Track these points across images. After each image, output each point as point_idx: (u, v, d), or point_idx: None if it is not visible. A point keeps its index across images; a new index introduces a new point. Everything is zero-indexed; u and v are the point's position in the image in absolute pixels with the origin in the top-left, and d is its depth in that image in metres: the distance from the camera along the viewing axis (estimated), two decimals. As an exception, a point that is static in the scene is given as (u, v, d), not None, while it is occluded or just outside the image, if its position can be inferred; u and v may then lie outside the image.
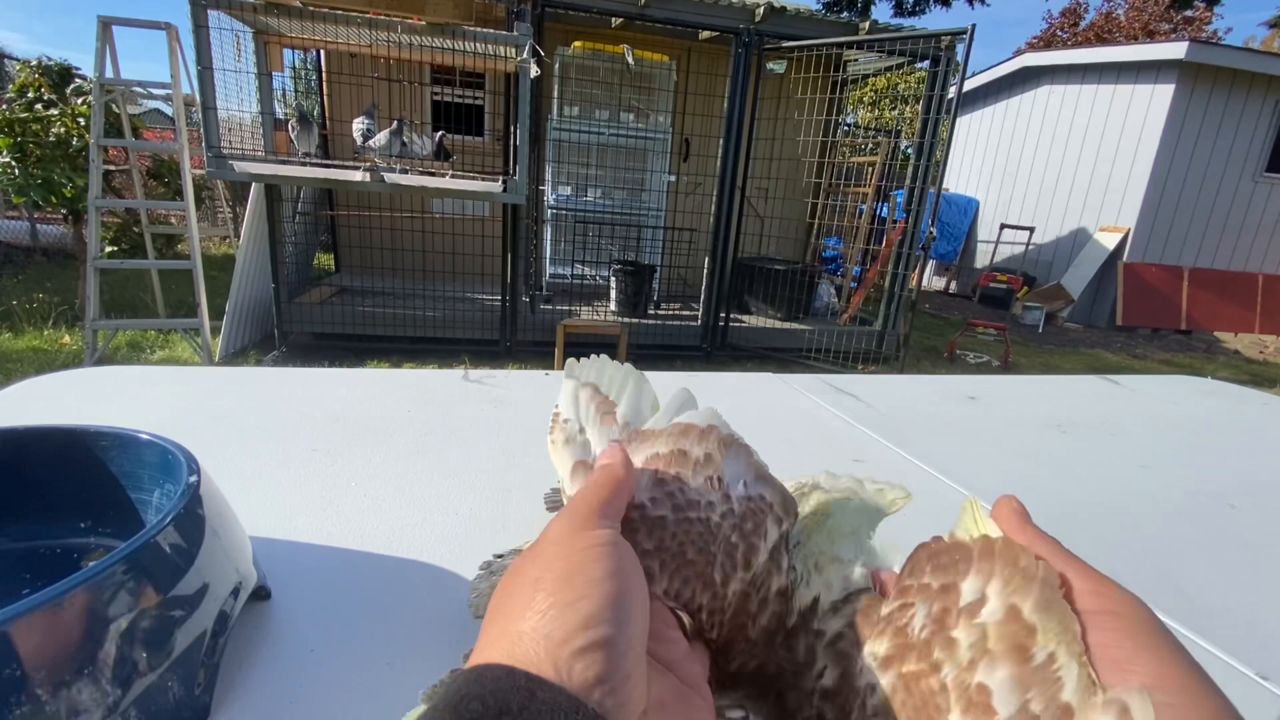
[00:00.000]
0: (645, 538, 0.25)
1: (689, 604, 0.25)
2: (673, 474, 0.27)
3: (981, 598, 0.21)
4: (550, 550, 0.22)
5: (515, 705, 0.16)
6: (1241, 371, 6.17)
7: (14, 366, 3.40)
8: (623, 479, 0.25)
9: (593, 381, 0.41)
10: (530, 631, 0.19)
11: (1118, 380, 1.21)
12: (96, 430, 0.40)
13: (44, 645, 0.26)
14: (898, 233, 4.67)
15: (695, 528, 0.26)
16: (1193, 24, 18.51)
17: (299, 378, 0.87)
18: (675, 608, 0.25)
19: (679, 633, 0.24)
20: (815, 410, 0.92)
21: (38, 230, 6.28)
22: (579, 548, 0.21)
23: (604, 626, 0.19)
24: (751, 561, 0.25)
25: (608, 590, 0.20)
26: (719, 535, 0.26)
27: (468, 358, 4.30)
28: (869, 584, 0.27)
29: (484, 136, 5.42)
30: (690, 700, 0.22)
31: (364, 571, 0.47)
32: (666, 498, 0.26)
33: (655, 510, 0.26)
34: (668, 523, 0.25)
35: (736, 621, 0.25)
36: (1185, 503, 0.72)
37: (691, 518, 0.26)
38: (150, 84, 3.81)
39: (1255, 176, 7.53)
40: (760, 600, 0.25)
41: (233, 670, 0.36)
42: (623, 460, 0.26)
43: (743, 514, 0.26)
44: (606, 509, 0.24)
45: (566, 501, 0.28)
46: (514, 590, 0.21)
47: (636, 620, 0.20)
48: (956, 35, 3.96)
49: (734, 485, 0.27)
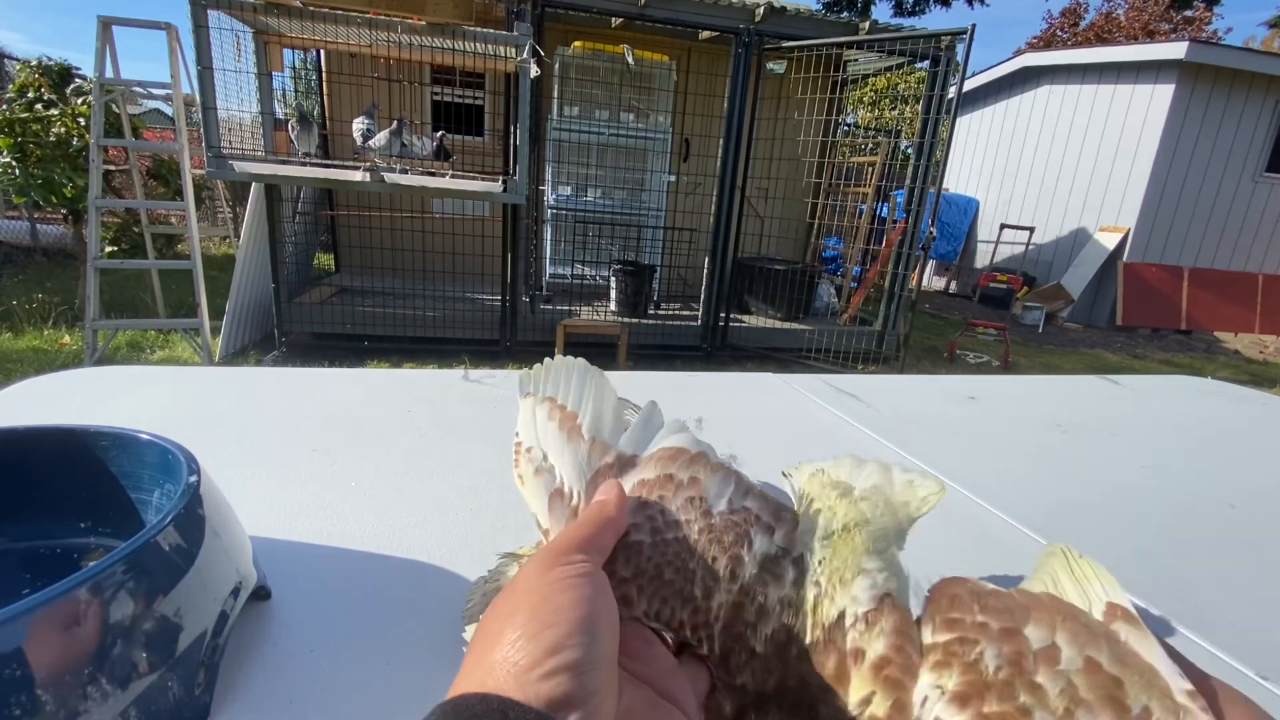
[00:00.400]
0: (623, 565, 0.26)
1: (670, 621, 0.25)
2: (655, 498, 0.28)
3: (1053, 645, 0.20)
4: (522, 586, 0.23)
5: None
6: (1241, 371, 6.17)
7: (14, 366, 3.40)
8: (613, 517, 0.26)
9: (549, 395, 0.39)
10: (500, 661, 0.20)
11: (1118, 380, 1.21)
12: (96, 430, 0.40)
13: (44, 645, 0.26)
14: (898, 233, 4.67)
15: (672, 548, 0.26)
16: (1193, 24, 18.51)
17: (299, 378, 0.87)
18: (657, 627, 0.25)
19: (660, 649, 0.25)
20: (815, 410, 0.92)
21: (38, 230, 6.28)
22: (548, 581, 0.23)
23: (569, 651, 0.20)
24: (737, 573, 0.26)
25: (573, 617, 0.21)
26: (696, 551, 0.26)
27: (468, 358, 4.30)
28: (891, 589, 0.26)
29: (484, 136, 5.42)
30: (662, 709, 0.23)
31: (364, 571, 0.47)
32: (646, 521, 0.27)
33: (634, 536, 0.26)
34: (644, 546, 0.26)
35: (731, 632, 0.25)
36: (1185, 503, 0.72)
37: (669, 538, 0.26)
38: (150, 84, 3.81)
39: (1255, 176, 7.53)
40: (758, 610, 0.25)
41: (233, 670, 0.36)
42: (617, 498, 0.27)
43: (723, 528, 0.27)
44: (587, 544, 0.25)
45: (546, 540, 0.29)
46: (488, 626, 0.22)
47: (604, 641, 0.21)
48: (956, 35, 3.96)
49: (715, 503, 0.28)
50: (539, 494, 0.32)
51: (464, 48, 3.62)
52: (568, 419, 0.35)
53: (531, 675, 0.20)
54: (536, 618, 0.21)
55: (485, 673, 0.20)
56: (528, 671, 0.20)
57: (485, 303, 4.56)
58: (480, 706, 0.19)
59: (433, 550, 0.50)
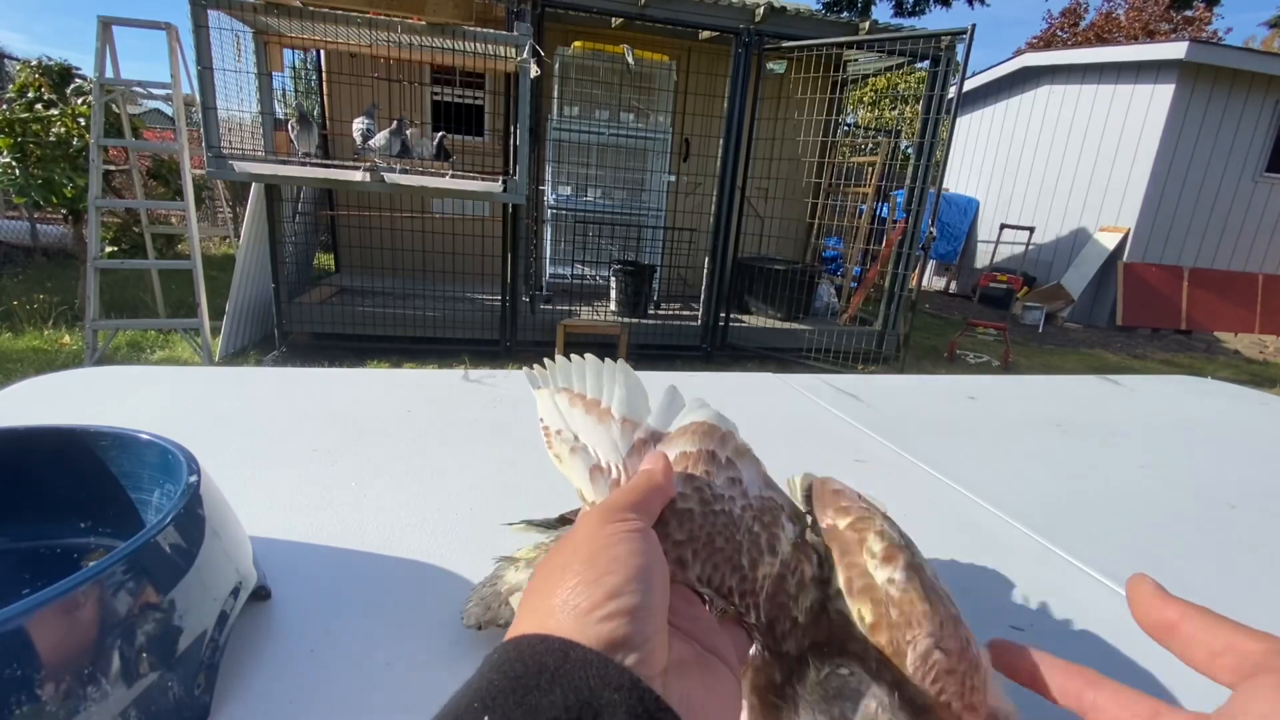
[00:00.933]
0: (676, 529, 0.27)
1: (720, 587, 0.27)
2: (701, 471, 0.30)
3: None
4: (579, 537, 0.24)
5: (552, 664, 0.19)
6: (1241, 371, 6.17)
7: (14, 366, 3.40)
8: (661, 484, 0.27)
9: (563, 386, 0.39)
10: (560, 605, 0.21)
11: (1118, 380, 1.21)
12: (96, 430, 0.41)
13: (44, 645, 0.26)
14: (898, 233, 4.67)
15: (720, 519, 0.28)
16: (1193, 24, 18.50)
17: (299, 378, 0.87)
18: (707, 593, 0.27)
19: (702, 610, 0.27)
20: (815, 410, 0.92)
21: (38, 230, 6.28)
22: (605, 533, 0.24)
23: (627, 597, 0.21)
24: (776, 548, 0.28)
25: (631, 566, 0.22)
26: (741, 525, 0.28)
27: (468, 358, 4.30)
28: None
29: (484, 136, 5.42)
30: (710, 663, 0.25)
31: (364, 571, 0.47)
32: (695, 492, 0.29)
33: (683, 504, 0.28)
34: (695, 514, 0.28)
35: (776, 601, 0.27)
36: (1185, 503, 0.72)
37: (717, 510, 0.28)
38: (150, 84, 3.81)
39: (1255, 176, 7.53)
40: (798, 583, 0.28)
41: (233, 670, 0.36)
42: (664, 467, 0.28)
43: (760, 509, 0.29)
44: (638, 506, 0.26)
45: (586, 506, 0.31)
46: (546, 574, 0.23)
47: (657, 592, 0.22)
48: (956, 35, 3.96)
49: (750, 487, 0.30)
50: (579, 469, 0.33)
51: (464, 48, 3.62)
52: (591, 404, 0.36)
53: (591, 617, 0.20)
54: (594, 565, 0.22)
55: (545, 615, 0.21)
56: (587, 614, 0.20)
57: (485, 303, 4.56)
58: (542, 645, 0.19)
59: (432, 550, 0.50)
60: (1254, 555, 0.62)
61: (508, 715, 0.17)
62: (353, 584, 0.45)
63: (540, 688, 0.18)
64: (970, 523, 0.64)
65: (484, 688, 0.18)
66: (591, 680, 0.18)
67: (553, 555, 0.24)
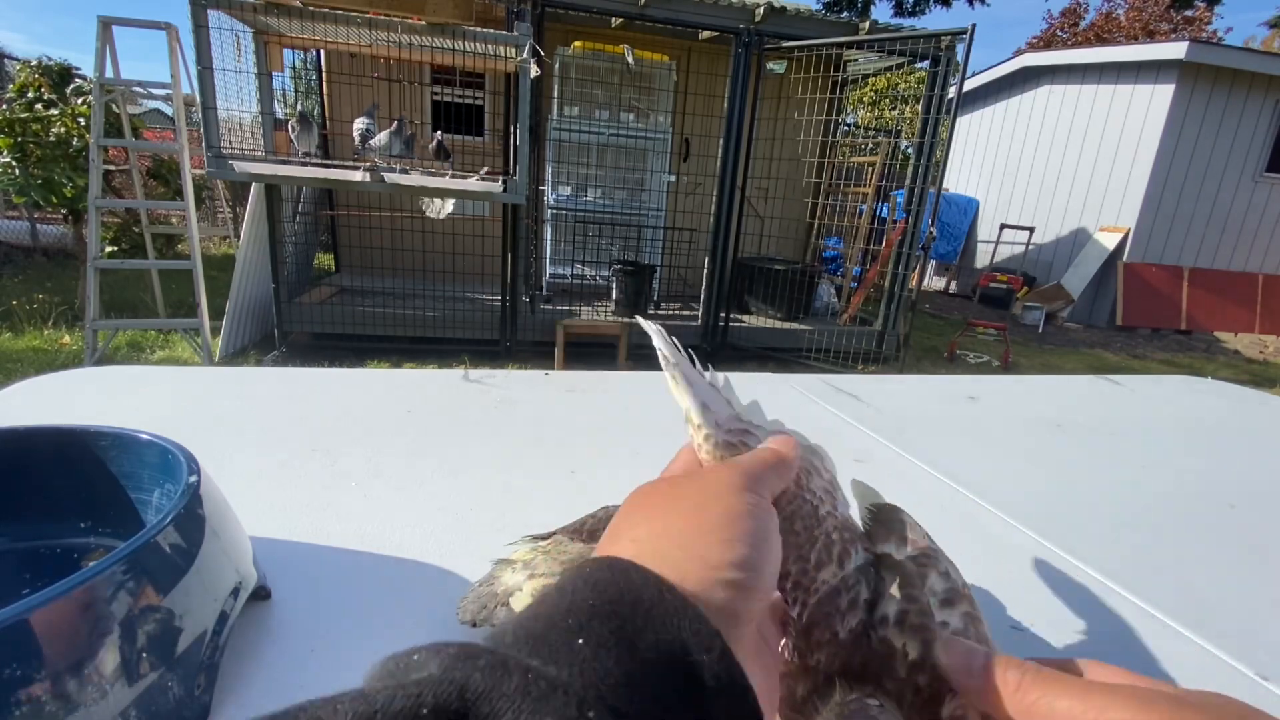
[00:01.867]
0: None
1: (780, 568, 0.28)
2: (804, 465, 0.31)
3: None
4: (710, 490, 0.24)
5: (647, 599, 0.18)
6: (1241, 371, 6.17)
7: (14, 366, 3.40)
8: (790, 462, 0.28)
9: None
10: (680, 546, 0.21)
11: (1118, 380, 1.21)
12: (96, 430, 0.41)
13: (44, 645, 0.26)
14: (898, 233, 4.67)
15: (806, 508, 0.28)
16: (1193, 24, 18.50)
17: (299, 378, 0.87)
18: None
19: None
20: (815, 410, 0.92)
21: (38, 230, 6.28)
22: (745, 502, 0.24)
23: (752, 573, 0.21)
24: (845, 563, 0.28)
25: (762, 545, 0.22)
26: (822, 526, 0.29)
27: (468, 358, 4.30)
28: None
29: (484, 136, 5.42)
30: (764, 652, 0.25)
31: (364, 571, 0.47)
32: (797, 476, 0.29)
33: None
34: (789, 492, 0.28)
35: (823, 610, 0.27)
36: (1185, 503, 0.72)
37: (807, 499, 0.29)
38: (150, 84, 3.81)
39: (1255, 176, 7.53)
40: (849, 602, 0.28)
41: (233, 670, 0.36)
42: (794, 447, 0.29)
43: (843, 524, 0.30)
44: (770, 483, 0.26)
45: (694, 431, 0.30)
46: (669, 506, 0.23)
47: (768, 576, 0.23)
48: (956, 35, 3.96)
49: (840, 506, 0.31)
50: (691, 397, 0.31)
51: (464, 48, 3.62)
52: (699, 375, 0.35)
53: (715, 575, 0.20)
54: (731, 526, 0.22)
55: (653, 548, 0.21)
56: (714, 570, 0.20)
57: (485, 303, 4.56)
58: (639, 576, 0.19)
59: (432, 550, 0.50)
60: (1254, 555, 0.62)
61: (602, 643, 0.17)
62: (353, 584, 0.45)
63: (636, 623, 0.18)
64: (970, 523, 0.64)
65: (578, 604, 0.18)
66: (684, 634, 0.18)
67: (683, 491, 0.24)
